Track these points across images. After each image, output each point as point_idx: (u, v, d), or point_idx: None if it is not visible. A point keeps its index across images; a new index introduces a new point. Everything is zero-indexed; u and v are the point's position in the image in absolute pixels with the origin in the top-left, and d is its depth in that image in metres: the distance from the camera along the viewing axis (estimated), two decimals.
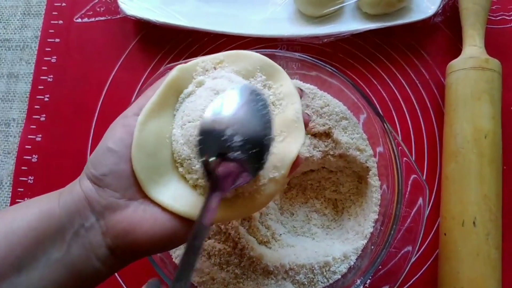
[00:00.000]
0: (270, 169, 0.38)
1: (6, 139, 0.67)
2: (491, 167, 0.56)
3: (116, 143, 0.37)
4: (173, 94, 0.40)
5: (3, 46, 0.72)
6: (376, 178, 0.55)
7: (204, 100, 0.38)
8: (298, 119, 0.39)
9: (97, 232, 0.36)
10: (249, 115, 0.36)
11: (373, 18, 0.64)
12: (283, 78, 0.42)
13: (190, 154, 0.38)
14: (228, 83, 0.39)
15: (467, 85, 0.58)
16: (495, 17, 0.67)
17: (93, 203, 0.36)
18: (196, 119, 0.38)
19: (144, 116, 0.38)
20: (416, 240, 0.51)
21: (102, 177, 0.36)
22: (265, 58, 0.42)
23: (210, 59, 0.42)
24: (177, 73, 0.40)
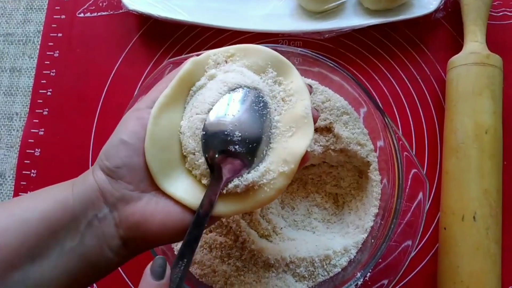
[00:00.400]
0: (280, 163, 0.38)
1: (9, 133, 0.68)
2: (492, 162, 0.56)
3: (129, 136, 0.37)
4: (186, 87, 0.41)
5: (6, 41, 0.72)
6: (376, 172, 0.55)
7: (213, 93, 0.39)
8: (307, 115, 0.40)
9: (110, 223, 0.37)
10: (250, 115, 0.38)
11: (374, 13, 0.64)
12: (293, 74, 0.42)
13: (195, 147, 0.38)
14: (240, 77, 0.40)
15: (468, 81, 0.59)
16: (497, 13, 0.67)
17: (106, 195, 0.37)
18: (204, 111, 0.38)
19: (157, 109, 0.38)
20: (416, 234, 0.51)
21: (115, 169, 0.37)
22: (276, 54, 0.42)
23: (221, 52, 0.42)
24: (190, 66, 0.41)
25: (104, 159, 0.37)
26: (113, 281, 0.60)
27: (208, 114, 0.38)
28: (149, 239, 0.37)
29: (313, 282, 0.52)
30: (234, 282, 0.52)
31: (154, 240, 0.38)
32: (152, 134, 0.37)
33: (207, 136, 0.38)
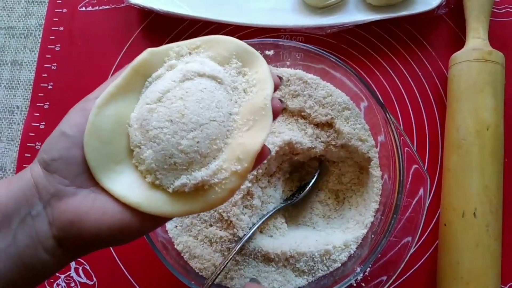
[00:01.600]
0: (233, 161, 0.35)
1: (10, 126, 0.68)
2: (493, 159, 0.56)
3: (70, 127, 0.35)
4: (140, 77, 0.38)
5: (7, 34, 0.72)
6: (377, 168, 0.55)
7: (166, 81, 0.36)
8: (265, 106, 0.36)
9: (43, 221, 0.34)
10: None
11: (377, 9, 0.64)
12: (259, 64, 0.39)
13: (141, 140, 0.35)
14: (199, 66, 0.37)
15: (470, 77, 0.58)
16: (499, 9, 0.67)
17: (41, 190, 0.34)
18: (153, 101, 0.35)
19: (103, 100, 0.36)
20: (416, 230, 0.51)
21: (51, 162, 0.34)
22: (242, 43, 0.40)
23: (186, 44, 0.40)
24: (146, 56, 0.38)
25: (43, 152, 0.35)
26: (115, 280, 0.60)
27: (157, 103, 0.35)
28: (85, 240, 0.34)
29: (313, 277, 0.53)
30: (234, 276, 0.52)
31: (91, 241, 0.34)
32: (93, 125, 0.35)
33: (152, 128, 0.35)
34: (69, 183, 0.34)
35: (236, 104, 0.37)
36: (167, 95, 0.35)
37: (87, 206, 0.34)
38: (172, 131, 0.34)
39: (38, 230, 0.34)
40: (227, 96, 0.37)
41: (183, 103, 0.35)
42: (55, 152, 0.34)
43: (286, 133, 0.56)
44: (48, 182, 0.34)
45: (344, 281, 0.49)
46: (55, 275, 0.61)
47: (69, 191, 0.34)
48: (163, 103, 0.35)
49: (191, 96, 0.35)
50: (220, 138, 0.36)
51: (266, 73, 0.38)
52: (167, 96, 0.35)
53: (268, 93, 0.37)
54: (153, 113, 0.35)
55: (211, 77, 0.37)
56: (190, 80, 0.36)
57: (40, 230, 0.34)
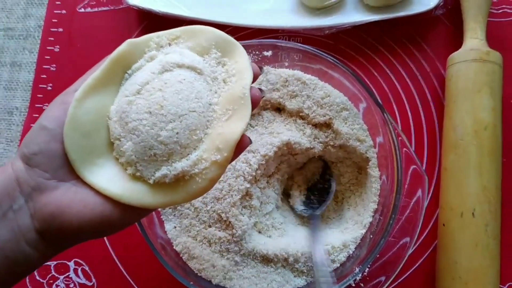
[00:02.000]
0: (213, 151, 0.35)
1: (9, 127, 0.68)
2: (491, 159, 0.56)
3: (50, 121, 0.35)
4: (120, 69, 0.38)
5: (6, 35, 0.72)
6: (376, 168, 0.55)
7: (145, 73, 0.36)
8: (244, 95, 0.36)
9: (25, 215, 0.34)
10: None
11: (375, 10, 0.64)
12: (239, 54, 0.39)
13: (120, 133, 0.36)
14: (178, 57, 0.37)
15: (468, 77, 0.59)
16: (497, 10, 0.67)
17: (22, 184, 0.34)
18: (132, 93, 0.36)
19: (82, 92, 0.35)
20: (415, 230, 0.51)
21: (31, 156, 0.34)
22: (221, 33, 0.39)
23: (166, 35, 0.40)
24: (126, 47, 0.38)
25: (23, 146, 0.35)
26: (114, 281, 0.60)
27: (136, 95, 0.35)
28: (67, 233, 0.34)
29: (311, 277, 0.53)
30: (233, 276, 0.52)
31: (73, 234, 0.35)
32: (73, 118, 0.35)
33: (131, 120, 0.35)
34: (50, 177, 0.35)
35: (216, 95, 0.38)
36: (146, 87, 0.36)
37: (68, 199, 0.34)
38: (151, 123, 0.34)
39: (20, 223, 0.34)
40: (207, 87, 0.37)
41: (162, 95, 0.35)
42: (35, 146, 0.35)
43: (285, 133, 0.56)
44: (29, 176, 0.34)
45: (343, 281, 0.49)
46: (54, 276, 0.61)
47: (50, 185, 0.34)
48: (142, 95, 0.35)
49: (170, 88, 0.35)
50: (200, 128, 0.36)
51: (245, 62, 0.38)
52: (146, 88, 0.35)
53: (247, 82, 0.37)
54: (132, 105, 0.35)
55: (190, 68, 0.37)
56: (169, 72, 0.36)
57: (22, 223, 0.34)
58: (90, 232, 0.35)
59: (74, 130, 0.35)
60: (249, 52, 0.56)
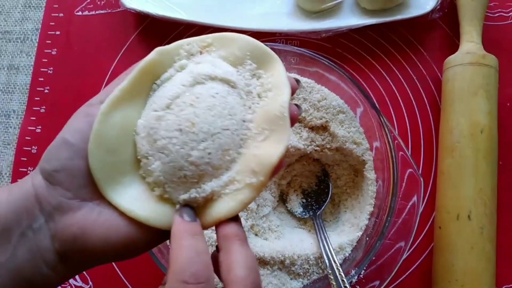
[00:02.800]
0: (247, 173, 0.32)
1: (6, 130, 0.68)
2: (487, 161, 0.56)
3: (73, 135, 0.33)
4: (148, 80, 0.35)
5: (4, 38, 0.72)
6: (372, 171, 0.55)
7: (175, 86, 0.34)
8: (282, 114, 0.33)
9: (45, 235, 0.32)
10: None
11: (371, 13, 0.64)
12: (275, 67, 0.36)
13: (148, 150, 0.33)
14: (210, 68, 0.34)
15: (464, 81, 0.59)
16: (493, 13, 0.67)
17: (42, 202, 0.32)
18: (161, 107, 0.33)
19: (109, 106, 0.33)
20: (410, 233, 0.51)
21: (53, 173, 0.32)
22: (257, 42, 0.37)
23: (197, 41, 0.37)
24: (154, 56, 0.35)
25: (44, 161, 0.33)
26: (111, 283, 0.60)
27: (165, 110, 0.33)
28: (89, 255, 0.33)
29: (308, 279, 0.53)
30: None
31: (95, 257, 0.33)
32: (98, 134, 0.32)
33: (160, 138, 0.32)
34: (73, 196, 0.32)
35: (250, 110, 0.35)
36: (176, 101, 0.33)
37: (91, 220, 0.32)
38: (182, 142, 0.32)
39: (39, 244, 0.32)
40: (241, 102, 0.34)
41: (194, 111, 0.32)
42: (57, 162, 0.32)
43: None
44: (49, 194, 0.32)
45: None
46: None
47: (73, 205, 0.32)
48: (172, 110, 0.32)
49: (202, 103, 0.32)
50: (233, 148, 0.33)
51: (282, 76, 0.35)
52: (176, 102, 0.33)
53: (285, 99, 0.34)
54: (161, 121, 0.32)
55: (223, 80, 0.34)
56: (201, 84, 0.33)
57: (41, 244, 0.32)
58: (113, 255, 0.33)
59: (99, 146, 0.32)
60: None
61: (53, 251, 0.32)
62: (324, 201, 0.58)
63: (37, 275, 0.32)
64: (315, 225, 0.56)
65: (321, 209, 0.57)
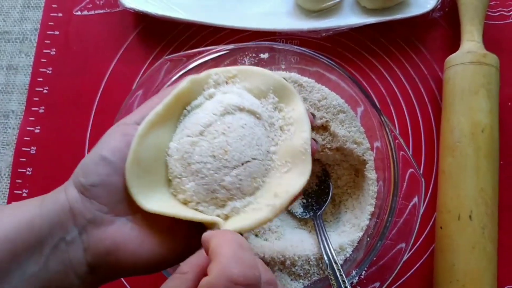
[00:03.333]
0: (270, 196, 0.36)
1: (5, 130, 0.68)
2: (488, 161, 0.56)
3: (112, 153, 0.34)
4: (180, 105, 0.38)
5: (3, 39, 0.72)
6: (373, 171, 0.55)
7: (207, 114, 0.36)
8: (306, 150, 0.37)
9: (78, 248, 0.33)
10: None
11: (371, 12, 0.64)
12: (296, 102, 0.40)
13: (181, 172, 0.36)
14: (238, 99, 0.37)
15: (465, 80, 0.59)
16: (494, 12, 0.67)
17: (77, 216, 0.33)
18: (195, 134, 0.36)
19: (145, 128, 0.35)
20: (411, 233, 0.51)
21: (90, 187, 0.34)
22: (280, 78, 0.40)
23: (223, 72, 0.40)
24: (187, 84, 0.38)
25: (80, 175, 0.34)
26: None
27: (199, 137, 0.36)
28: (119, 269, 0.34)
29: (308, 280, 0.52)
30: None
31: (125, 270, 0.34)
32: (135, 154, 0.35)
33: (195, 162, 0.35)
34: (108, 211, 0.34)
35: (273, 142, 0.38)
36: (209, 129, 0.36)
37: (124, 235, 0.34)
38: (216, 167, 0.35)
39: (71, 256, 0.33)
40: (265, 133, 0.38)
41: (226, 140, 0.35)
42: (95, 177, 0.34)
43: None
44: (85, 208, 0.33)
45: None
46: None
47: (107, 219, 0.34)
48: (205, 137, 0.35)
49: (233, 132, 0.35)
50: (260, 176, 0.37)
51: (302, 112, 0.39)
52: (209, 130, 0.36)
53: (307, 136, 0.37)
54: (196, 146, 0.35)
55: (250, 112, 0.37)
56: (231, 115, 0.36)
57: (73, 256, 0.33)
58: (143, 269, 0.34)
59: (137, 166, 0.35)
60: (246, 54, 0.56)
61: (84, 263, 0.33)
62: (324, 201, 0.58)
63: (66, 285, 0.33)
64: (315, 225, 0.56)
65: (322, 209, 0.57)
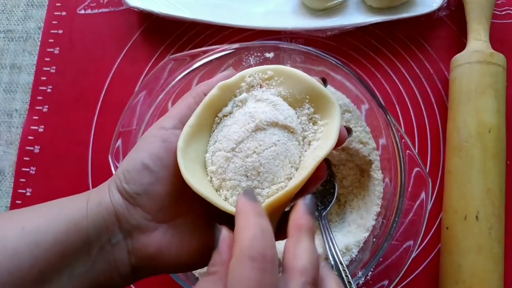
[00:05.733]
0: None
1: (8, 129, 0.68)
2: (495, 161, 0.56)
3: (154, 162, 0.35)
4: (212, 113, 0.38)
5: (6, 37, 0.72)
6: (378, 171, 0.55)
7: (239, 129, 0.36)
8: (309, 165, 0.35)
9: (123, 250, 0.35)
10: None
11: (377, 11, 0.64)
12: (332, 114, 0.37)
13: (219, 186, 0.36)
14: (272, 112, 0.36)
15: (472, 79, 0.58)
16: (500, 11, 0.67)
17: (122, 221, 0.35)
18: (227, 149, 0.35)
19: (184, 142, 0.35)
20: (418, 233, 0.50)
21: (135, 195, 0.35)
22: (318, 85, 0.37)
23: (258, 72, 0.38)
24: (217, 92, 0.37)
25: (124, 181, 0.35)
26: None
27: (231, 152, 0.35)
28: (161, 270, 0.37)
29: None
30: None
31: (165, 271, 0.37)
32: (186, 166, 0.35)
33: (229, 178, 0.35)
34: (151, 218, 0.35)
35: (302, 157, 0.37)
36: (241, 146, 0.35)
37: (167, 241, 0.35)
38: (248, 185, 0.35)
39: (116, 257, 0.35)
40: (298, 147, 0.37)
41: (258, 159, 0.35)
42: (139, 186, 0.35)
43: None
44: (130, 215, 0.35)
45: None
46: None
47: (151, 226, 0.35)
48: (238, 153, 0.35)
49: (265, 151, 0.35)
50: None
51: (335, 128, 0.36)
52: (240, 147, 0.35)
53: (321, 155, 0.35)
54: (229, 162, 0.35)
55: (283, 127, 0.36)
56: (263, 131, 0.35)
57: (118, 257, 0.35)
58: (183, 270, 0.38)
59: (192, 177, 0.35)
60: (251, 54, 0.56)
61: (128, 264, 0.35)
62: (330, 201, 0.57)
63: (110, 283, 0.35)
64: (320, 225, 0.55)
65: (327, 209, 0.57)
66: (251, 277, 0.27)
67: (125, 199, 0.35)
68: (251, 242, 0.28)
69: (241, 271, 0.27)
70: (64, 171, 0.64)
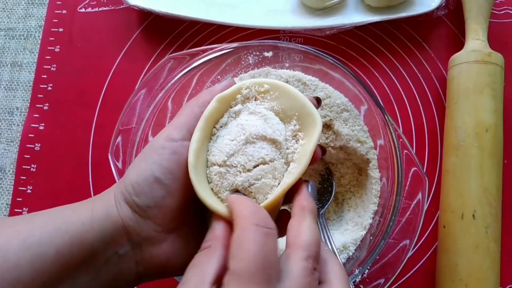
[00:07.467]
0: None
1: (9, 127, 0.68)
2: (492, 160, 0.56)
3: (165, 174, 0.35)
4: (211, 125, 0.38)
5: (7, 35, 0.72)
6: (376, 170, 0.55)
7: (231, 142, 0.37)
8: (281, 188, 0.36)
9: (130, 260, 0.35)
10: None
11: (376, 10, 0.64)
12: (312, 137, 0.37)
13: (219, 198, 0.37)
14: (261, 126, 0.37)
15: (470, 79, 0.58)
16: (499, 11, 0.67)
17: (131, 233, 0.35)
18: (218, 163, 0.36)
19: (194, 157, 0.36)
20: (415, 232, 0.51)
21: (146, 208, 0.35)
22: (309, 105, 0.38)
23: (255, 84, 0.39)
24: (215, 104, 0.38)
25: (134, 194, 0.35)
26: None
27: (223, 167, 0.36)
28: (168, 275, 0.37)
29: None
30: None
31: (172, 275, 0.38)
32: (197, 183, 0.35)
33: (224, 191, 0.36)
34: (161, 230, 0.36)
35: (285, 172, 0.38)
36: (231, 160, 0.36)
37: (175, 250, 0.36)
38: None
39: (123, 268, 0.35)
40: (281, 164, 0.38)
41: (248, 178, 0.36)
42: (151, 199, 0.35)
43: None
44: (140, 227, 0.35)
45: None
46: None
47: (161, 237, 0.36)
48: (230, 168, 0.36)
49: (255, 168, 0.36)
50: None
51: (311, 148, 0.37)
52: (231, 161, 0.36)
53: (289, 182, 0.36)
54: (222, 178, 0.36)
55: (271, 141, 0.37)
56: (252, 144, 0.36)
57: (125, 267, 0.35)
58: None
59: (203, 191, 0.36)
60: (250, 53, 0.56)
61: (135, 272, 0.36)
62: (327, 199, 0.58)
63: None
64: (318, 224, 0.56)
65: (325, 207, 0.57)
66: (256, 239, 0.29)
67: (134, 212, 0.35)
68: (253, 213, 0.31)
69: (246, 234, 0.29)
70: (65, 169, 0.65)
